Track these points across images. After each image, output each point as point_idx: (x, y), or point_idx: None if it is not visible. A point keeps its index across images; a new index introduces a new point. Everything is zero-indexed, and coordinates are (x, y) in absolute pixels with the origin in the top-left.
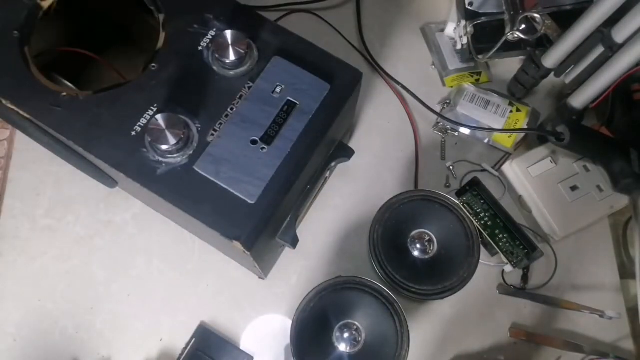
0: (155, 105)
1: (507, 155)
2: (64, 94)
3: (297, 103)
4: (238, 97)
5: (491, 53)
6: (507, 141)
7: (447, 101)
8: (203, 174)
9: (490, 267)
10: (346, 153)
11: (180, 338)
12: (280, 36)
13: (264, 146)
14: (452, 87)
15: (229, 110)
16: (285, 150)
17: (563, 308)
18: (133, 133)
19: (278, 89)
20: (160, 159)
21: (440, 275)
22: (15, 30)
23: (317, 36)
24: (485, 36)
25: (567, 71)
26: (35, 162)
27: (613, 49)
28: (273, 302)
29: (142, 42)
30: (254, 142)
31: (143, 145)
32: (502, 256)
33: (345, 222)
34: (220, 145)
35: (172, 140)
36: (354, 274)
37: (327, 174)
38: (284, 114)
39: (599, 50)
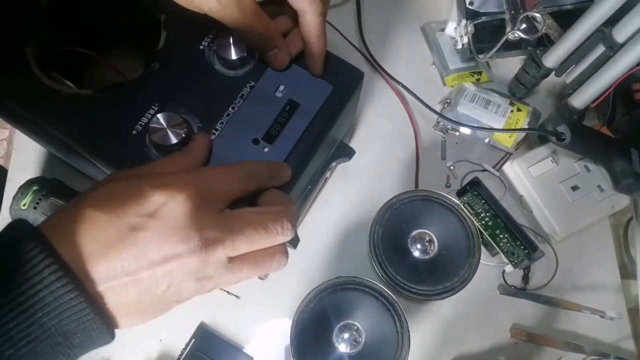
0: (156, 104)
1: (507, 155)
2: (65, 93)
3: (300, 103)
4: (239, 96)
5: (492, 52)
6: (507, 141)
7: (448, 101)
8: None
9: (491, 267)
10: (347, 153)
11: (180, 338)
12: None
13: (265, 145)
14: (452, 86)
15: (230, 109)
16: (288, 149)
17: (564, 308)
18: (134, 132)
19: (281, 88)
20: (162, 158)
21: (441, 276)
22: (16, 29)
23: None
24: (486, 35)
25: (568, 71)
26: (35, 162)
27: (614, 48)
28: (273, 302)
29: (143, 42)
30: (255, 142)
31: (144, 144)
32: (502, 256)
33: (345, 222)
34: (221, 145)
35: (174, 139)
36: (354, 274)
37: (328, 174)
38: (286, 114)
39: (600, 49)
